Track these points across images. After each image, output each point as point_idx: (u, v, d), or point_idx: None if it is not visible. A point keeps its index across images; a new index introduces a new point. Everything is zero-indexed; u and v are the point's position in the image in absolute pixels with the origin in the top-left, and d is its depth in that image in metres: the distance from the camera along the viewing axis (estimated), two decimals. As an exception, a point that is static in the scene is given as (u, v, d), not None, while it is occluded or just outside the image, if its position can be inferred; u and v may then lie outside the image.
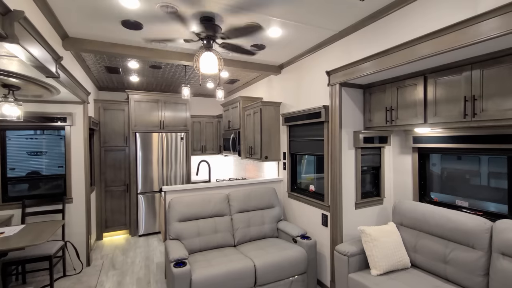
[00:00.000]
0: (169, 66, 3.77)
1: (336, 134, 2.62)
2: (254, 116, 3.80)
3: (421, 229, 2.36)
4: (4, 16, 1.39)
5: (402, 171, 2.83)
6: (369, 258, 2.29)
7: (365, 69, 2.30)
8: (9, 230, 2.58)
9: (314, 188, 3.19)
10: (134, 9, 2.14)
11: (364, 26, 2.37)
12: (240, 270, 2.42)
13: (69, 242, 3.36)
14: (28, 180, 3.32)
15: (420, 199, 2.67)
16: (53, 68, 2.06)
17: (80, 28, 2.46)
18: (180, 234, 2.79)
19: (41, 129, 3.35)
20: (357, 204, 2.74)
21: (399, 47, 1.99)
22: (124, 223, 4.59)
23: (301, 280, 2.71)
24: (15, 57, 1.82)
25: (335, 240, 2.66)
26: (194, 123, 5.47)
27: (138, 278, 3.19)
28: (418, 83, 2.23)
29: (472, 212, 2.27)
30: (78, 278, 3.18)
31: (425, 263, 2.27)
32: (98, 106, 4.40)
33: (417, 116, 2.24)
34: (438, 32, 1.73)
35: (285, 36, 2.70)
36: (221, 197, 3.13)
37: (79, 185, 3.45)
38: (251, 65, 3.52)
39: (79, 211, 3.44)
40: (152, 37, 2.67)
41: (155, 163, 4.72)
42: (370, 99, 2.71)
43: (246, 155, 4.11)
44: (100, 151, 4.41)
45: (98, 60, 3.43)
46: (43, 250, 2.83)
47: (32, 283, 3.05)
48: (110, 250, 4.02)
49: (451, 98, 2.01)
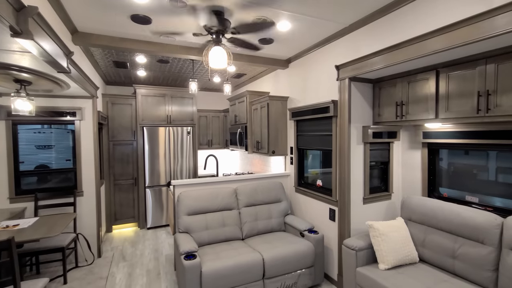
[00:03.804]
0: (176, 61, 3.77)
1: (345, 129, 2.61)
2: (261, 111, 3.80)
3: (430, 224, 2.36)
4: (18, 12, 1.40)
5: (411, 166, 2.82)
6: (377, 253, 2.30)
7: (375, 63, 2.27)
8: (23, 223, 2.65)
9: (321, 183, 3.19)
10: (144, 3, 2.13)
11: (374, 20, 2.33)
12: (248, 263, 2.45)
13: (80, 234, 3.44)
14: (39, 173, 3.38)
15: (429, 195, 2.66)
16: (64, 63, 2.08)
17: (89, 22, 2.47)
18: (189, 227, 2.84)
19: (52, 123, 3.39)
20: (365, 199, 2.75)
21: (410, 42, 1.96)
22: (132, 216, 4.67)
23: (309, 274, 2.74)
24: (27, 52, 1.84)
25: (343, 234, 2.67)
26: (200, 118, 5.49)
27: (148, 269, 3.26)
28: (430, 78, 2.20)
29: (482, 207, 2.26)
30: (89, 269, 3.26)
31: (433, 258, 2.27)
32: (106, 101, 4.44)
33: (428, 111, 2.21)
34: (451, 26, 1.70)
35: (294, 30, 2.67)
36: (229, 191, 3.16)
37: (89, 178, 3.51)
38: (259, 59, 3.50)
39: (90, 204, 3.51)
40: (160, 31, 2.67)
41: (162, 157, 4.76)
42: (380, 94, 2.68)
43: (253, 150, 4.13)
44: (108, 145, 4.47)
45: (107, 55, 3.44)
46: (56, 242, 2.91)
47: (46, 274, 3.14)
48: (119, 242, 4.10)
49: (464, 93, 1.98)
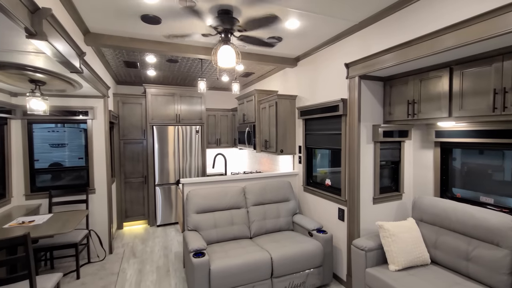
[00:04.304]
0: (185, 60, 3.80)
1: (355, 127, 2.58)
2: (270, 110, 3.79)
3: (442, 226, 2.31)
4: (33, 14, 1.44)
5: (423, 166, 2.76)
6: (387, 254, 2.27)
7: (386, 61, 2.23)
8: (38, 219, 2.73)
9: (330, 182, 3.17)
10: (154, 3, 2.15)
11: (384, 17, 2.28)
12: (257, 262, 2.46)
13: (92, 230, 3.52)
14: (53, 171, 3.48)
15: (442, 195, 2.60)
16: (77, 63, 2.13)
17: (101, 23, 2.51)
18: (197, 226, 2.86)
19: (65, 122, 3.48)
20: (375, 199, 2.71)
21: (422, 38, 1.92)
22: (142, 213, 4.75)
23: (317, 273, 2.73)
24: (41, 53, 1.89)
25: (352, 234, 2.64)
26: (209, 117, 5.52)
27: (157, 266, 3.31)
28: (443, 75, 2.14)
29: (498, 209, 2.19)
30: (101, 265, 3.34)
31: (445, 260, 2.22)
32: (117, 100, 4.52)
33: (441, 109, 2.16)
34: (465, 22, 1.65)
35: (302, 28, 2.65)
36: (237, 190, 3.17)
37: (101, 176, 3.58)
38: (267, 58, 3.49)
39: (101, 202, 3.59)
40: (170, 32, 2.69)
41: (171, 156, 4.82)
42: (390, 92, 2.64)
43: (261, 149, 4.12)
44: (119, 143, 4.55)
45: (117, 55, 3.50)
46: (70, 238, 2.99)
47: (59, 269, 3.23)
48: (130, 239, 4.18)
49: (479, 91, 1.93)
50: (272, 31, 2.70)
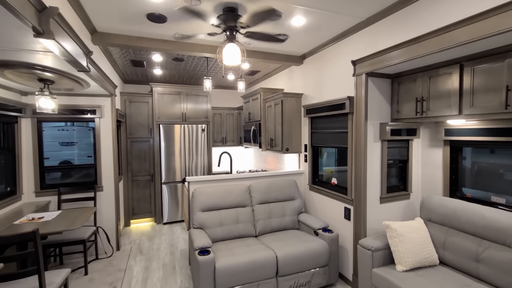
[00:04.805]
0: (191, 59, 3.81)
1: (361, 126, 2.54)
2: (275, 108, 3.77)
3: (451, 226, 2.26)
4: (40, 13, 1.46)
5: (432, 165, 2.70)
6: (395, 254, 2.23)
7: (394, 57, 2.18)
8: (47, 215, 2.78)
9: (336, 181, 3.13)
10: (159, 2, 2.16)
11: (392, 13, 2.24)
12: (262, 260, 2.45)
13: (100, 227, 3.57)
14: (62, 169, 3.54)
15: (451, 195, 2.54)
16: (84, 62, 2.15)
17: (108, 22, 2.53)
18: (203, 223, 2.87)
19: (73, 121, 3.53)
20: (382, 198, 2.67)
21: (432, 34, 1.87)
22: (149, 211, 4.80)
23: (323, 273, 2.71)
24: (49, 52, 1.91)
25: (358, 234, 2.61)
26: (215, 115, 5.53)
27: (164, 263, 3.34)
28: (453, 72, 2.09)
29: (510, 209, 2.13)
30: (109, 261, 3.38)
31: (455, 261, 2.17)
32: (124, 99, 4.56)
33: (451, 107, 2.11)
34: (478, 16, 1.60)
35: (308, 25, 2.62)
36: (243, 189, 3.17)
37: (109, 174, 3.63)
38: (273, 56, 3.47)
39: (109, 199, 3.63)
40: (175, 30, 2.70)
41: (177, 154, 4.85)
42: (398, 89, 2.59)
43: (267, 147, 4.11)
44: (126, 142, 4.60)
45: (124, 54, 3.53)
46: (78, 234, 3.04)
47: (68, 265, 3.29)
48: (137, 236, 4.23)
49: (490, 88, 1.87)
50: (278, 28, 2.68)
